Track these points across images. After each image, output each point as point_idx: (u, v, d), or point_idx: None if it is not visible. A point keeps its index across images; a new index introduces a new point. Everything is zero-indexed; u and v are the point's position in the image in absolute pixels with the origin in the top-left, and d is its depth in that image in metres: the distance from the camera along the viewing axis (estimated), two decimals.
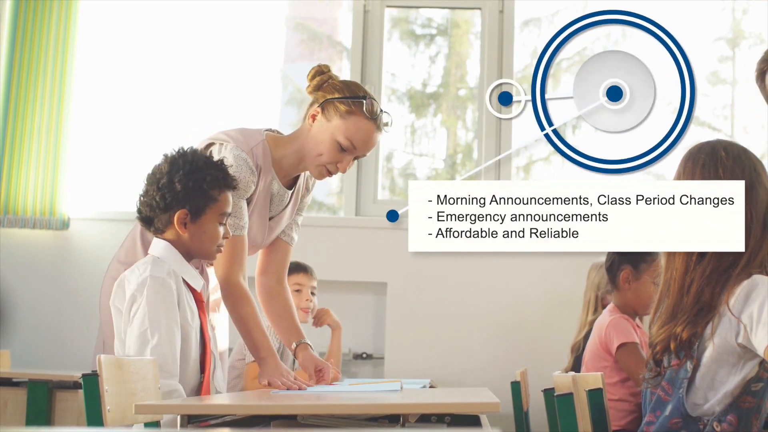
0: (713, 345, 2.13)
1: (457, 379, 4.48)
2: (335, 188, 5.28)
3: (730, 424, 2.11)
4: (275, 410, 2.09)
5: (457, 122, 5.36)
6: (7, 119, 4.78)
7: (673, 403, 2.16)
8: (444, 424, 2.28)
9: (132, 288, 2.44)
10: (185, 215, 2.52)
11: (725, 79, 5.28)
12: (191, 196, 2.51)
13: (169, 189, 2.51)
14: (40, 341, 4.70)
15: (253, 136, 2.83)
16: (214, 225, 2.55)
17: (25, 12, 4.82)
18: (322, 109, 2.78)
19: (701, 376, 2.14)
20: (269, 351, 2.72)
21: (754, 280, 2.12)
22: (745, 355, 2.11)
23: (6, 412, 3.59)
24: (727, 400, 2.12)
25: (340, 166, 2.80)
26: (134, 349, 2.39)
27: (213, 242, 2.56)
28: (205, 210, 2.53)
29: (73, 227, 4.79)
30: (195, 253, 2.58)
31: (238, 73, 5.14)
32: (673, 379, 2.17)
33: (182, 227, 2.52)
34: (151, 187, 2.55)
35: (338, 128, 2.76)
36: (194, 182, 2.51)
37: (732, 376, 2.12)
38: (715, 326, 2.13)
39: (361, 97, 2.77)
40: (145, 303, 2.41)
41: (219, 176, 2.56)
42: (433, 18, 5.36)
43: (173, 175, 2.52)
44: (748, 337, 2.07)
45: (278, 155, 2.84)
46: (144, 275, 2.45)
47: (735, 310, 2.10)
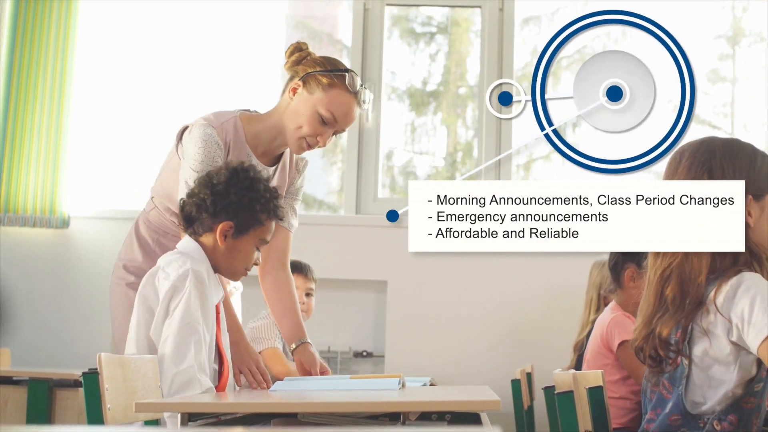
0: (704, 342, 2.13)
1: (458, 377, 4.49)
2: (335, 187, 5.29)
3: (730, 424, 2.11)
4: (275, 408, 2.09)
5: (457, 120, 5.37)
6: (8, 118, 4.79)
7: (672, 400, 2.16)
8: (444, 422, 2.29)
9: (172, 279, 2.38)
10: (230, 227, 2.48)
11: (725, 77, 5.29)
12: (242, 212, 2.48)
13: (224, 197, 2.48)
14: (41, 340, 4.70)
15: (225, 114, 2.83)
16: (252, 247, 2.52)
17: (25, 11, 4.83)
18: (303, 83, 2.78)
19: (697, 374, 2.14)
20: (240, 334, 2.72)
21: (741, 277, 2.12)
22: (739, 353, 2.11)
23: (6, 411, 3.60)
24: (729, 401, 2.12)
25: (320, 139, 2.79)
26: (174, 342, 2.32)
27: (244, 263, 2.53)
28: (250, 230, 2.50)
29: (74, 226, 4.80)
30: (223, 268, 2.53)
31: (238, 72, 5.14)
32: (672, 377, 2.17)
33: (222, 238, 2.48)
34: (204, 189, 2.51)
35: (320, 100, 2.76)
36: (249, 200, 2.48)
37: (728, 375, 2.12)
38: (705, 324, 2.13)
39: (344, 71, 2.79)
40: (188, 295, 2.36)
41: (273, 204, 2.53)
42: (433, 16, 5.37)
43: (231, 185, 2.49)
44: (741, 336, 2.08)
45: (252, 131, 2.84)
46: (185, 267, 2.40)
47: (724, 307, 2.10)
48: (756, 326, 2.05)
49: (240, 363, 2.67)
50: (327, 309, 4.41)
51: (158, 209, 2.89)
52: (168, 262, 2.45)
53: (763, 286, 2.09)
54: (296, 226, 3.05)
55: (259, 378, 2.67)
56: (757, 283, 2.10)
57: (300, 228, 3.09)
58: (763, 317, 2.04)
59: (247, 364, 2.68)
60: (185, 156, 2.72)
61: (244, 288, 3.09)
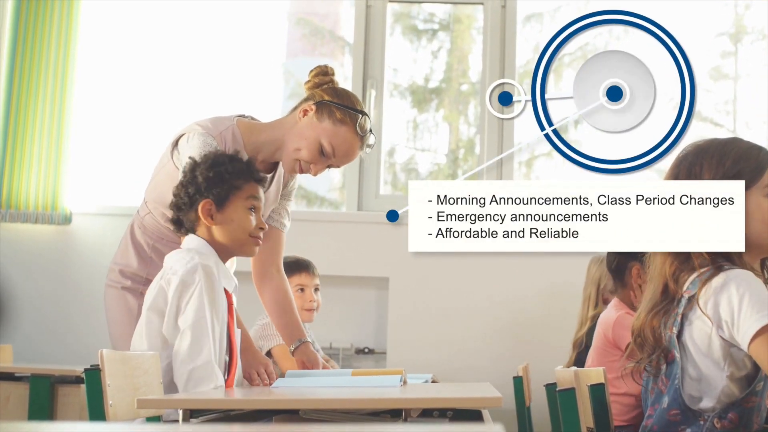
0: (694, 337, 2.15)
1: (459, 374, 4.49)
2: (337, 183, 5.29)
3: (731, 422, 2.12)
4: (277, 405, 2.10)
5: (459, 117, 5.37)
6: (10, 114, 4.79)
7: (670, 394, 2.17)
8: (446, 418, 2.29)
9: (181, 274, 2.37)
10: (210, 205, 2.48)
11: (727, 75, 5.28)
12: (214, 186, 2.48)
13: (192, 183, 2.49)
14: (42, 336, 4.71)
15: (223, 122, 2.82)
16: (242, 211, 2.51)
17: (26, 9, 4.83)
18: (316, 108, 2.77)
19: (690, 368, 2.15)
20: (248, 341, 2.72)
21: (727, 274, 2.13)
22: (730, 349, 2.12)
23: (8, 407, 3.60)
24: (729, 399, 2.12)
25: (313, 167, 2.78)
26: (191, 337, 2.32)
27: (243, 230, 2.51)
28: (229, 197, 2.49)
29: (75, 222, 4.80)
30: (228, 247, 2.52)
31: (240, 69, 5.14)
32: (668, 372, 2.18)
33: (209, 218, 2.47)
34: (177, 188, 2.53)
35: (326, 132, 2.75)
36: (215, 173, 2.48)
37: (719, 371, 2.13)
38: (694, 318, 2.14)
39: (359, 112, 2.77)
40: (200, 290, 2.35)
41: (243, 167, 2.53)
42: (436, 13, 5.36)
43: (195, 170, 2.51)
44: (731, 333, 2.09)
45: (252, 141, 2.82)
46: (193, 262, 2.39)
47: (709, 304, 2.11)
48: (746, 322, 2.06)
49: (250, 367, 2.67)
50: (329, 305, 4.41)
51: (153, 215, 2.88)
52: (175, 259, 2.45)
53: (750, 282, 2.10)
54: (288, 226, 3.05)
55: (264, 380, 2.67)
56: (744, 279, 2.11)
57: (302, 224, 3.10)
58: (752, 314, 2.05)
59: (257, 368, 2.68)
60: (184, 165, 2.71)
61: (245, 288, 3.09)
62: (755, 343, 2.04)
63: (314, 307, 3.85)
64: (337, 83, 2.84)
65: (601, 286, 3.99)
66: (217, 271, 2.44)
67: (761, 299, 2.07)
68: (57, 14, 4.83)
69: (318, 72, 2.83)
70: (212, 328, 2.36)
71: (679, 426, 2.15)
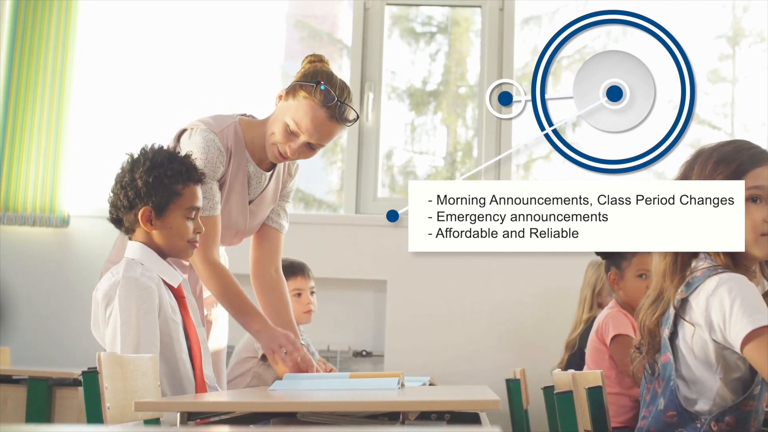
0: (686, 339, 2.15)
1: (457, 377, 4.49)
2: (335, 186, 5.29)
3: (728, 425, 2.11)
4: (275, 407, 2.09)
5: (457, 120, 5.36)
6: (7, 116, 4.78)
7: (666, 396, 2.17)
8: (443, 421, 2.29)
9: (104, 290, 2.44)
10: (149, 212, 2.48)
11: (726, 77, 5.29)
12: (153, 192, 2.47)
13: (132, 187, 2.48)
14: (40, 338, 4.70)
15: (225, 119, 2.85)
16: (181, 220, 2.51)
17: (25, 9, 4.82)
18: (286, 92, 2.80)
19: (683, 369, 2.15)
20: (263, 324, 2.72)
21: (719, 277, 2.13)
22: (723, 352, 2.12)
23: (6, 410, 3.59)
24: (725, 403, 2.12)
25: (289, 149, 2.79)
26: (120, 348, 2.38)
27: (181, 238, 2.52)
28: (169, 205, 2.49)
29: (73, 224, 4.80)
30: (167, 251, 2.54)
31: (238, 71, 5.14)
32: (663, 373, 2.18)
33: (148, 224, 2.49)
34: (116, 186, 2.52)
35: (290, 109, 2.77)
36: (155, 178, 2.47)
37: (714, 375, 2.13)
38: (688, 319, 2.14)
39: (314, 83, 2.77)
40: (117, 304, 2.40)
41: (182, 170, 2.51)
42: (434, 16, 5.36)
43: (134, 172, 2.49)
44: (724, 336, 2.09)
45: (249, 137, 2.86)
46: (116, 277, 2.44)
47: (702, 307, 2.12)
48: (738, 324, 2.06)
49: (270, 343, 2.66)
50: (326, 308, 4.41)
51: None
52: (106, 276, 2.51)
53: (742, 286, 2.10)
54: (287, 227, 3.05)
55: (290, 349, 2.65)
56: (737, 283, 2.11)
57: (300, 227, 3.10)
58: (743, 317, 2.05)
59: (279, 342, 2.67)
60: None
61: (244, 287, 3.08)
62: (749, 346, 2.04)
63: (312, 309, 3.86)
64: (325, 67, 2.84)
65: (597, 289, 4.00)
66: (155, 274, 2.47)
67: (753, 302, 2.07)
68: (55, 16, 4.83)
69: (307, 60, 2.86)
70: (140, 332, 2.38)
71: (676, 428, 2.15)
